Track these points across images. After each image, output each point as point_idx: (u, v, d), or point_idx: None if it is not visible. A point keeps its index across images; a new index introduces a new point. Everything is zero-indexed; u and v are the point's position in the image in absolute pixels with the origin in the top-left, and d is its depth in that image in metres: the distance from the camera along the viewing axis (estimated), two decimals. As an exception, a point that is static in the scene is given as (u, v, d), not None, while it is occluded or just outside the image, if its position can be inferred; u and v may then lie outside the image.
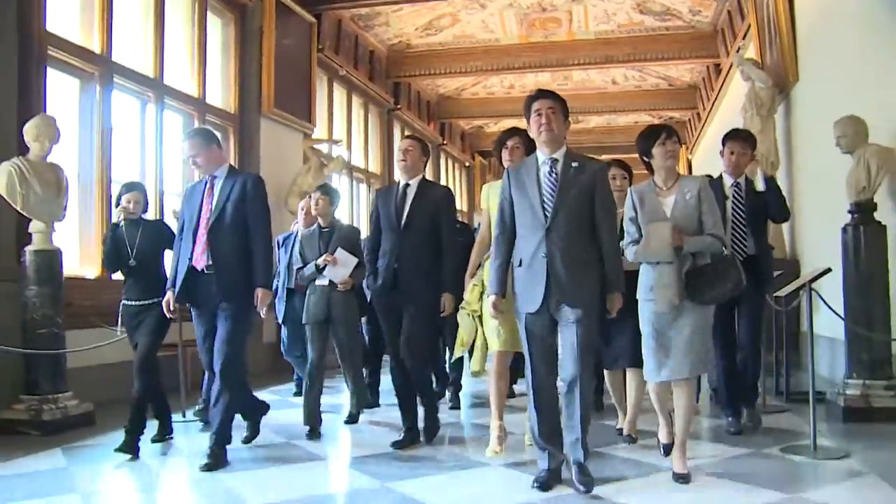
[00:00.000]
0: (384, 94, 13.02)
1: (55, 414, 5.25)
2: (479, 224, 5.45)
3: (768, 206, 5.05)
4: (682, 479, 3.92)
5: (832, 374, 6.21)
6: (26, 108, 5.60)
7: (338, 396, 6.64)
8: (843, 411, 5.03)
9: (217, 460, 4.38)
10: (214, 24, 8.43)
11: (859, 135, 5.07)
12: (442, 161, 16.84)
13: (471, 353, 4.90)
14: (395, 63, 13.18)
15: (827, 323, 5.37)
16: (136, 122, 7.16)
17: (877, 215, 5.09)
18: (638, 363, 4.59)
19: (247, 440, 5.01)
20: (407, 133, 6.48)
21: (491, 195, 4.73)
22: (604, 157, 5.93)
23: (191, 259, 4.50)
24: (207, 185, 4.60)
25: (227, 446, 4.50)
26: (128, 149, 7.00)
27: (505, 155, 4.70)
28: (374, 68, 12.66)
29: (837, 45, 6.53)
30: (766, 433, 4.93)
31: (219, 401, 4.49)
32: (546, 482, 3.84)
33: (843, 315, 4.94)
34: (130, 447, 4.63)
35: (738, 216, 5.01)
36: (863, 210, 5.08)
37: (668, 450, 4.28)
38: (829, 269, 4.58)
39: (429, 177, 5.32)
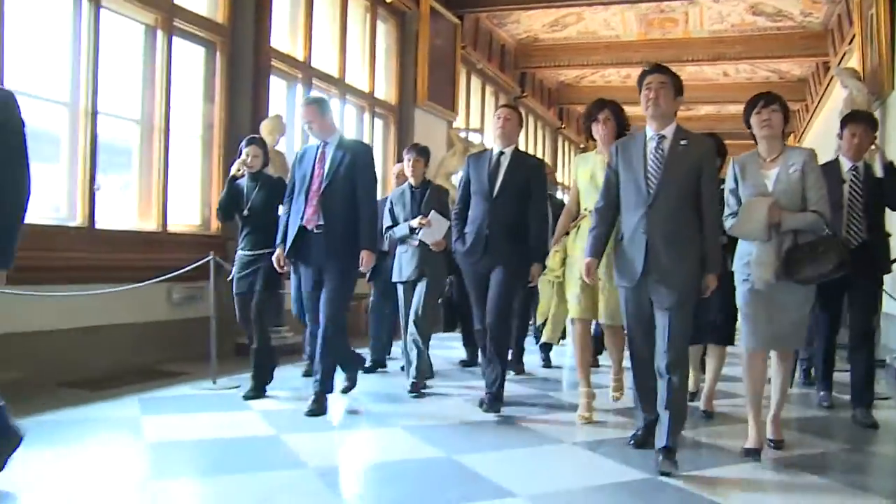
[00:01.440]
0: (512, 83, 14.38)
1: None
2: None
3: (885, 192, 4.87)
4: (777, 445, 4.06)
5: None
6: (256, 108, 7.25)
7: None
8: None
9: (320, 406, 4.70)
10: (380, 29, 9.99)
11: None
12: (559, 143, 18.12)
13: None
14: (523, 55, 14.49)
15: None
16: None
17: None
18: (721, 340, 4.80)
19: (346, 390, 5.28)
20: (505, 104, 6.77)
21: (581, 166, 4.79)
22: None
23: (302, 219, 4.71)
24: (319, 151, 4.81)
25: (328, 395, 4.79)
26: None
27: (597, 128, 4.67)
28: (504, 60, 14.03)
29: None
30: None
31: (323, 352, 4.75)
32: (641, 438, 4.03)
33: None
34: (257, 392, 5.13)
35: (854, 201, 4.84)
36: None
37: (756, 455, 3.96)
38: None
39: (547, 160, 6.01)
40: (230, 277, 5.37)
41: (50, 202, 5.69)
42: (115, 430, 4.25)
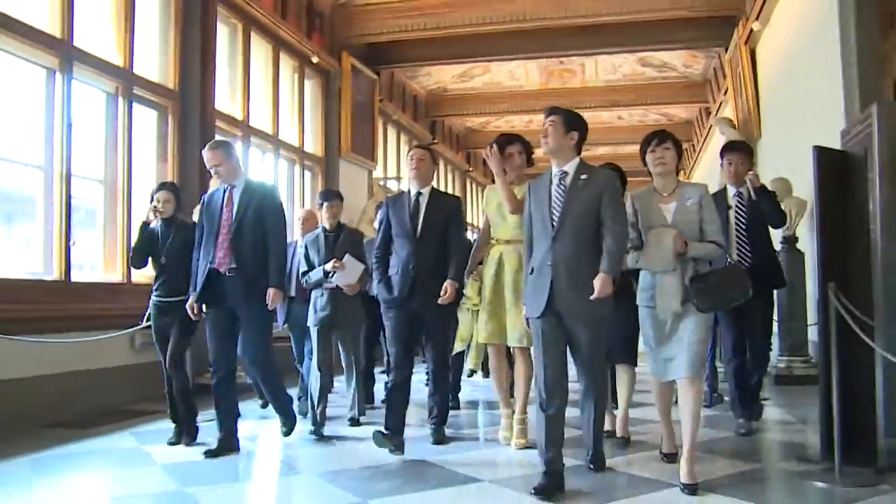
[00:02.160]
0: (424, 131, 15.35)
1: None
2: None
3: (764, 213, 5.14)
4: (690, 489, 3.71)
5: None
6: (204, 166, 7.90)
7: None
8: (774, 379, 7.08)
9: (226, 445, 4.78)
10: (308, 87, 10.78)
11: (786, 190, 7.29)
12: (468, 185, 19.18)
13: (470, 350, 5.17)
14: (433, 104, 15.57)
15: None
16: (263, 169, 9.54)
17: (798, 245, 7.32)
18: (629, 358, 4.88)
19: (286, 433, 5.23)
20: (417, 145, 6.77)
21: (490, 198, 4.97)
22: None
23: (213, 262, 4.75)
24: (227, 194, 4.85)
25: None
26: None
27: (508, 162, 4.80)
28: (416, 110, 15.03)
29: (789, 109, 8.74)
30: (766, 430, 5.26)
31: (268, 387, 5.02)
32: (544, 489, 3.69)
33: (777, 314, 6.33)
34: (186, 434, 5.08)
35: (740, 224, 5.16)
36: (788, 242, 7.29)
37: (670, 458, 4.28)
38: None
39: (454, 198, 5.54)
40: (145, 324, 5.38)
41: (27, 258, 6.22)
42: (126, 456, 4.82)
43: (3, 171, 6.01)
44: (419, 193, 5.01)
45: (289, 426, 5.22)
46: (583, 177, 3.90)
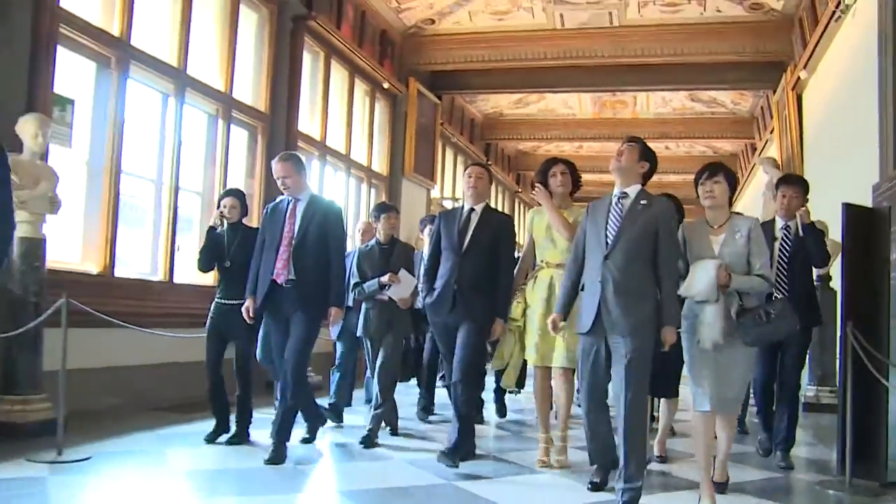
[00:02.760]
0: (479, 153, 16.12)
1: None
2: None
3: (809, 251, 5.19)
4: (721, 488, 4.24)
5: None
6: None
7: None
8: (803, 406, 6.98)
9: (279, 455, 4.76)
10: (377, 110, 11.59)
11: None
12: (516, 205, 19.89)
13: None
14: (489, 128, 16.36)
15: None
16: (336, 185, 10.34)
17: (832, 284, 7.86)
18: (670, 394, 5.11)
19: (306, 441, 5.29)
20: (476, 163, 5.85)
21: (535, 218, 5.07)
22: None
23: (272, 273, 4.84)
24: (290, 207, 4.93)
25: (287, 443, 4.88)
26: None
27: (554, 182, 4.94)
28: (473, 133, 15.80)
29: (830, 155, 9.29)
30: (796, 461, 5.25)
31: (285, 400, 4.91)
32: (596, 487, 4.26)
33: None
34: (238, 435, 5.32)
35: (783, 258, 5.20)
36: (823, 280, 7.59)
37: (721, 488, 4.31)
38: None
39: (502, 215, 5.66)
40: (207, 324, 5.46)
41: (138, 260, 7.06)
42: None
43: (125, 183, 6.83)
44: (472, 210, 5.07)
45: (311, 434, 5.34)
46: (642, 202, 4.04)
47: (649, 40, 10.97)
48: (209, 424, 5.47)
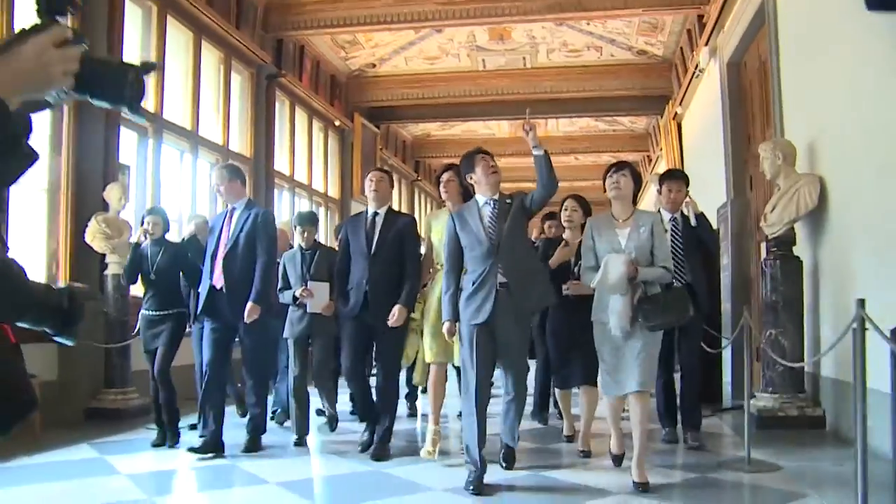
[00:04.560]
0: (410, 170, 18.48)
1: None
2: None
3: (701, 239, 5.59)
4: (643, 487, 4.23)
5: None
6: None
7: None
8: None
9: (255, 444, 5.47)
10: (330, 144, 13.86)
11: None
12: (442, 213, 22.32)
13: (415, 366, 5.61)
14: (418, 147, 18.73)
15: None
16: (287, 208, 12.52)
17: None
18: (590, 381, 5.23)
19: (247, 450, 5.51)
20: (376, 168, 7.66)
21: (432, 224, 5.43)
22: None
23: (211, 278, 5.23)
24: (227, 215, 5.36)
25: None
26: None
27: (442, 188, 5.40)
28: (405, 152, 18.17)
29: (701, 176, 11.84)
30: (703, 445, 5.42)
31: (254, 397, 5.46)
32: (477, 485, 4.28)
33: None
34: (170, 438, 5.65)
35: (675, 248, 5.44)
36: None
37: (618, 460, 4.76)
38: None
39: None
40: (135, 336, 6.07)
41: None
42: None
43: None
44: (376, 213, 5.36)
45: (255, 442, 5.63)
46: (507, 200, 4.65)
47: (557, 80, 13.56)
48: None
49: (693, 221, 5.64)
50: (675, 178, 5.88)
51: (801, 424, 5.83)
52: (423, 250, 5.61)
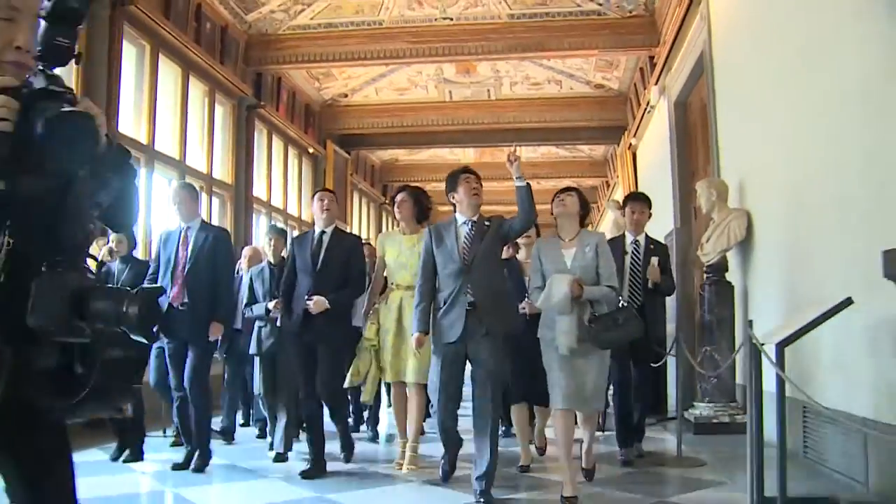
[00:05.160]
0: (378, 193, 19.29)
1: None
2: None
3: (661, 288, 5.84)
4: (589, 475, 4.81)
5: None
6: (245, 236, 11.62)
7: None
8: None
9: (198, 461, 5.36)
10: (304, 170, 14.63)
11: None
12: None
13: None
14: (386, 172, 19.55)
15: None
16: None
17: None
18: (542, 400, 5.10)
19: (197, 468, 5.43)
20: (324, 189, 8.09)
21: (386, 243, 5.59)
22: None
23: (169, 297, 5.23)
24: (182, 234, 5.40)
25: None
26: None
27: (395, 209, 5.63)
28: (373, 177, 18.97)
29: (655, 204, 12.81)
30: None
31: (196, 414, 5.35)
32: (447, 474, 4.81)
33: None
34: (132, 453, 5.68)
35: (636, 270, 5.70)
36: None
37: (570, 502, 4.39)
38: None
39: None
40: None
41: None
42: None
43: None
44: (323, 232, 5.50)
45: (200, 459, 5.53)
46: (486, 223, 4.77)
47: (520, 111, 14.50)
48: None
49: (650, 245, 5.97)
50: (639, 200, 6.26)
51: (733, 430, 6.46)
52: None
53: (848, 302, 3.67)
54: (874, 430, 4.06)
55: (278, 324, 5.90)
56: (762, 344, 3.94)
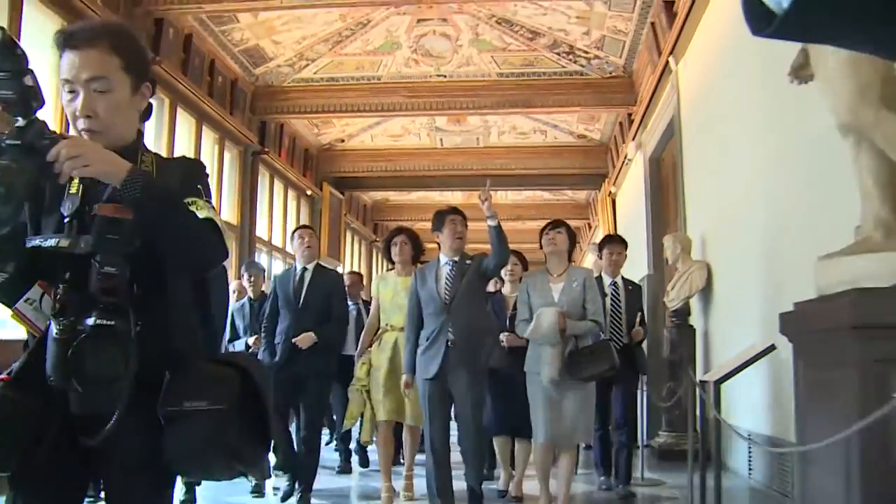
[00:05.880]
0: (369, 232, 20.23)
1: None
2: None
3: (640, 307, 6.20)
4: None
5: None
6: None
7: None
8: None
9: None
10: (302, 209, 15.55)
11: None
12: (397, 271, 24.05)
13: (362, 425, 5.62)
14: (377, 211, 20.52)
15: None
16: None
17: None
18: (524, 433, 5.25)
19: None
20: (304, 226, 8.47)
21: (380, 286, 5.60)
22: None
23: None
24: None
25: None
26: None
27: (395, 250, 5.56)
28: (365, 215, 19.93)
29: (632, 247, 13.79)
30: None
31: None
32: None
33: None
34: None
35: (615, 311, 5.89)
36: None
37: None
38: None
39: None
40: None
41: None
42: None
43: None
44: (305, 269, 5.57)
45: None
46: (467, 261, 4.97)
47: (507, 158, 15.49)
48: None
49: (628, 286, 6.34)
50: (615, 242, 6.61)
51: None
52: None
53: (771, 348, 4.54)
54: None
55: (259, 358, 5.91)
56: (701, 382, 4.84)
